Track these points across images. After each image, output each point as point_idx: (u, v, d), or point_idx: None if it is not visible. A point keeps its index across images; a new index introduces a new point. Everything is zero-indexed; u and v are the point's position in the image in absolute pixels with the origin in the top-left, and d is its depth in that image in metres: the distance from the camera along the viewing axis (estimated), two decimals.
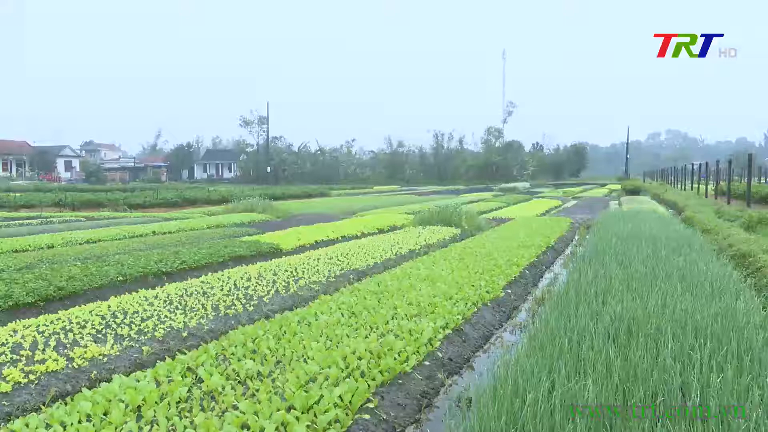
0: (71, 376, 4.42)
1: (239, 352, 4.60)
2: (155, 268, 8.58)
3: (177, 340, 5.37)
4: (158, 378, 4.04)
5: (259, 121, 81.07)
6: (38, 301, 6.72)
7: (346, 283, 8.08)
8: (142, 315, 5.93)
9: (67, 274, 7.65)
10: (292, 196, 35.93)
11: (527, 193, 40.59)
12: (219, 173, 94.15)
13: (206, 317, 6.04)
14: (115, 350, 4.91)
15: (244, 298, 6.84)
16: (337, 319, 5.60)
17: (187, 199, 28.15)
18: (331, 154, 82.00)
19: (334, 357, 4.42)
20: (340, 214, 21.03)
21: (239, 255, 10.25)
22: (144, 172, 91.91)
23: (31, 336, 5.11)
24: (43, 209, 25.01)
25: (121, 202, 25.91)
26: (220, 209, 22.26)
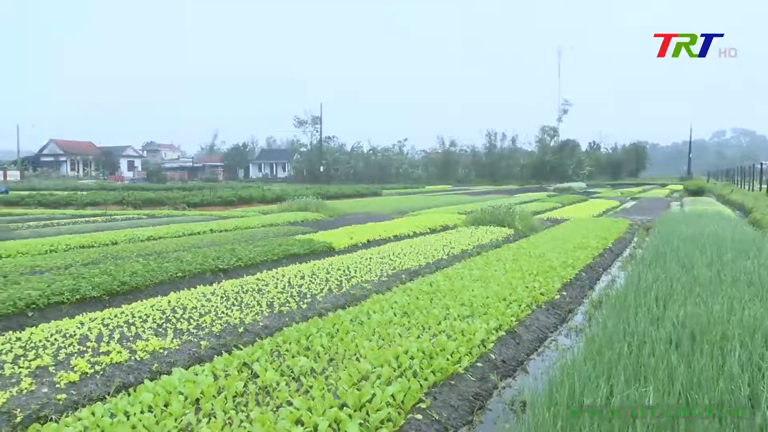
0: (134, 368, 4.58)
1: (293, 349, 4.66)
2: (212, 265, 8.81)
3: (233, 336, 5.49)
4: (216, 372, 4.14)
5: (313, 121, 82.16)
6: (103, 295, 7.01)
7: (398, 282, 8.08)
8: (200, 310, 6.10)
9: (130, 270, 7.94)
10: (344, 195, 36.24)
11: (583, 194, 39.62)
12: (273, 172, 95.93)
13: (261, 314, 6.15)
14: (175, 344, 5.06)
15: (298, 296, 6.94)
16: (390, 319, 5.61)
17: (242, 197, 28.77)
18: (383, 153, 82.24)
19: (387, 356, 4.42)
20: (392, 214, 21.07)
21: (293, 253, 10.41)
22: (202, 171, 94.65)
23: (96, 328, 5.33)
24: (108, 207, 26.06)
25: (180, 201, 26.70)
26: (275, 208, 22.66)
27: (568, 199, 30.04)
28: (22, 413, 3.70)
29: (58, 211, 23.51)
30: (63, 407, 3.88)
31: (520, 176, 72.92)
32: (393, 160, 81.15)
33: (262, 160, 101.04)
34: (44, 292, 6.59)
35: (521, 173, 74.78)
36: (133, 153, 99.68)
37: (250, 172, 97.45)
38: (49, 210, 24.53)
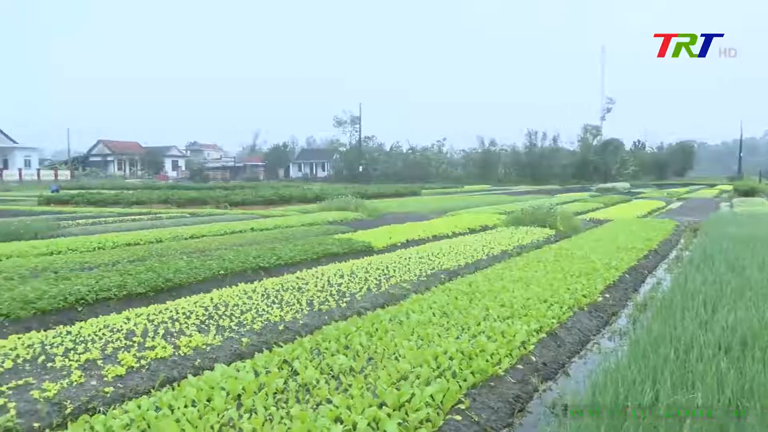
0: (177, 363, 4.68)
1: (332, 347, 4.69)
2: (254, 263, 8.94)
3: (273, 333, 5.56)
4: (257, 369, 4.20)
5: (352, 121, 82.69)
6: (149, 292, 7.19)
7: (437, 282, 8.05)
8: (241, 308, 6.19)
9: (174, 267, 8.13)
10: (383, 194, 36.30)
11: (627, 194, 38.70)
12: (313, 172, 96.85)
13: (301, 312, 6.21)
14: (217, 340, 5.15)
15: (337, 295, 6.98)
16: (428, 319, 5.59)
17: (283, 197, 29.12)
18: (422, 153, 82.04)
19: (426, 356, 4.41)
20: (431, 214, 21.00)
21: (332, 252, 10.48)
22: (243, 171, 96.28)
23: (142, 324, 5.47)
24: (153, 206, 26.72)
25: (222, 200, 27.18)
26: (314, 207, 22.85)
27: (611, 200, 29.40)
28: (72, 405, 3.83)
29: (106, 210, 24.25)
30: (110, 400, 4.00)
31: (562, 176, 71.70)
32: (432, 159, 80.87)
33: (302, 159, 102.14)
34: (93, 288, 6.81)
35: (563, 173, 73.52)
36: (177, 153, 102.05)
37: (290, 172, 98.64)
38: (97, 208, 25.31)
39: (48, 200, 29.22)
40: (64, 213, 21.91)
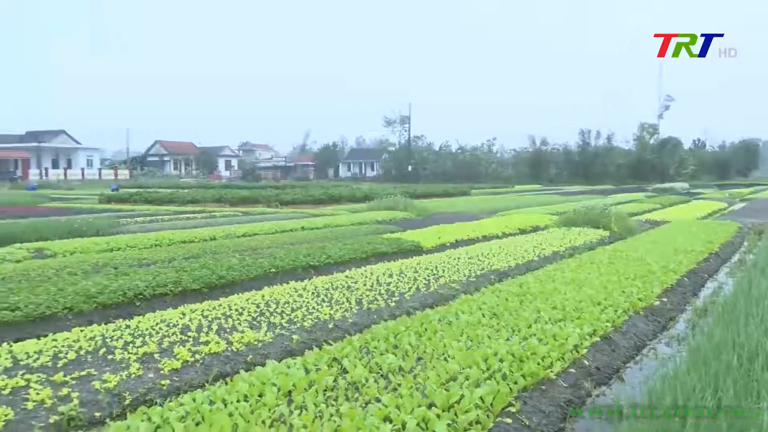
0: (230, 358, 4.79)
1: (381, 347, 4.70)
2: (304, 261, 9.05)
3: (323, 331, 5.61)
4: (307, 366, 4.25)
5: (401, 121, 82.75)
6: (203, 288, 7.38)
7: (487, 283, 7.96)
8: (292, 305, 6.28)
9: (227, 265, 8.32)
10: (432, 194, 36.16)
11: (685, 195, 37.34)
12: (362, 171, 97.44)
13: (350, 311, 6.25)
14: (268, 337, 5.24)
15: (386, 294, 7.00)
16: (478, 320, 5.54)
17: (332, 196, 29.39)
18: (471, 152, 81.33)
19: (475, 357, 4.37)
20: (481, 214, 20.80)
21: (381, 252, 10.51)
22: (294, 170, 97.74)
23: (197, 319, 5.62)
24: (206, 205, 27.41)
25: (273, 199, 27.63)
26: (363, 207, 22.97)
27: (668, 200, 28.43)
28: (131, 396, 3.96)
29: (162, 208, 25.03)
30: (166, 392, 4.12)
31: (617, 176, 69.77)
32: (482, 159, 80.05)
33: (352, 159, 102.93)
34: (150, 284, 7.04)
35: (617, 173, 71.51)
36: (230, 153, 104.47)
37: (339, 171, 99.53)
38: (153, 206, 26.15)
39: (108, 198, 30.38)
40: (123, 211, 22.73)
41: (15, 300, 6.07)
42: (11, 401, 3.72)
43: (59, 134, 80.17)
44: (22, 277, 7.88)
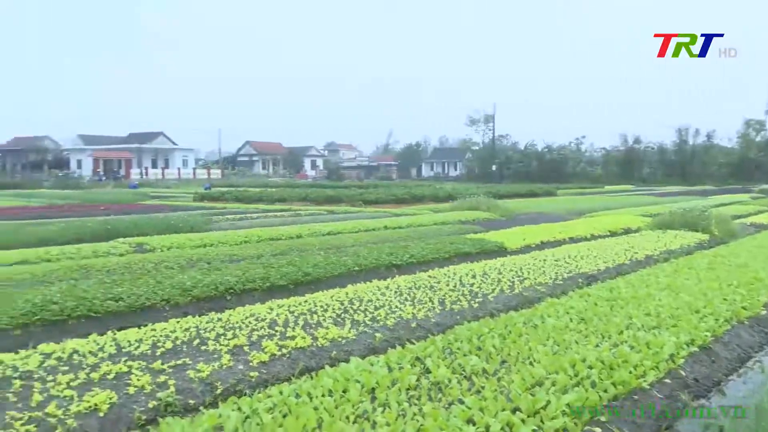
0: (315, 353, 4.89)
1: (465, 348, 4.65)
2: (387, 260, 9.12)
3: (406, 330, 5.63)
4: (390, 364, 4.27)
5: (485, 120, 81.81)
6: (289, 284, 7.60)
7: (575, 286, 7.70)
8: (375, 303, 6.34)
9: (312, 262, 8.51)
10: (516, 194, 35.44)
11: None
12: (445, 171, 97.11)
13: (433, 310, 6.23)
14: (352, 334, 5.31)
15: (469, 295, 6.92)
16: (565, 324, 5.36)
17: (415, 196, 29.44)
18: (558, 152, 78.91)
19: (562, 363, 4.23)
20: (568, 215, 20.17)
21: (464, 252, 10.41)
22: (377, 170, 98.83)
23: (283, 314, 5.78)
24: (293, 203, 28.20)
25: (357, 198, 28.03)
26: (446, 206, 22.85)
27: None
28: (222, 386, 4.13)
29: (251, 206, 25.99)
30: (255, 384, 4.27)
31: (718, 176, 65.53)
32: (569, 158, 77.50)
33: (434, 159, 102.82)
34: (240, 279, 7.32)
35: (719, 172, 67.14)
36: (315, 153, 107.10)
37: (422, 171, 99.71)
38: (243, 205, 27.21)
39: (202, 197, 31.93)
40: (215, 209, 23.81)
41: (118, 291, 6.49)
42: (115, 386, 3.98)
43: (158, 136, 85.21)
44: (124, 269, 8.43)
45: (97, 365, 4.31)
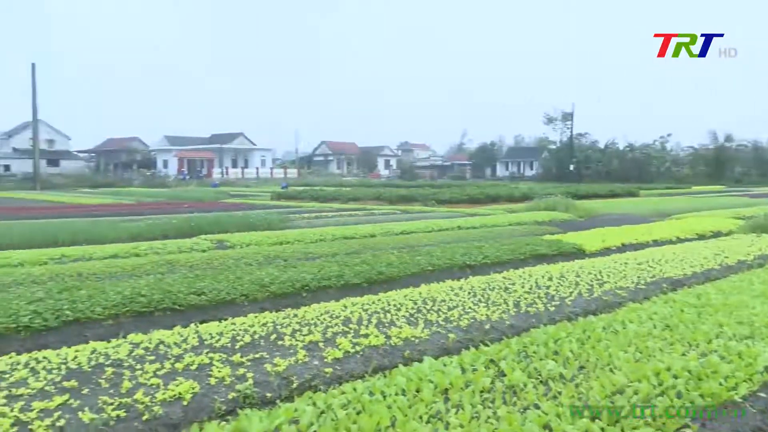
0: (388, 352, 4.91)
1: (541, 351, 4.54)
2: (460, 260, 9.04)
3: (479, 332, 5.55)
4: (463, 365, 4.22)
5: (563, 118, 79.34)
6: (363, 283, 7.67)
7: (658, 291, 7.35)
8: (448, 304, 6.29)
9: (385, 261, 8.56)
10: (595, 195, 34.27)
11: None
12: (520, 170, 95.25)
13: (507, 312, 6.12)
14: (425, 334, 5.29)
15: (545, 297, 6.75)
16: (648, 331, 5.13)
17: (489, 195, 29.07)
18: (641, 150, 75.59)
19: (645, 371, 4.05)
20: (651, 216, 19.31)
21: (540, 253, 10.17)
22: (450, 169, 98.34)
23: (357, 312, 5.84)
24: (366, 202, 28.49)
25: (430, 198, 27.98)
26: (521, 207, 22.43)
27: None
28: (297, 380, 4.22)
29: (326, 205, 26.47)
30: (329, 380, 4.33)
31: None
32: (653, 157, 74.05)
33: (509, 158, 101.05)
34: (315, 276, 7.46)
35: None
36: (389, 153, 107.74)
37: (496, 170, 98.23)
38: (318, 204, 27.75)
39: (279, 195, 32.88)
40: (291, 207, 24.41)
41: (201, 286, 6.77)
42: (197, 376, 4.14)
43: (238, 136, 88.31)
44: (206, 265, 8.78)
45: (181, 356, 4.51)
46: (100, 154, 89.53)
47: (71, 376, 4.09)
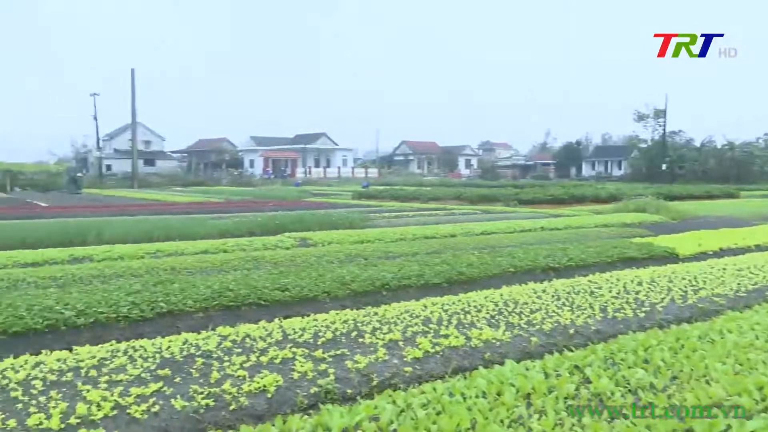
0: (468, 354, 4.85)
1: (629, 359, 4.34)
2: (543, 263, 8.81)
3: (563, 336, 5.38)
4: (546, 370, 4.11)
5: (655, 115, 75.44)
6: (443, 283, 7.63)
7: (761, 300, 6.86)
8: (530, 307, 6.15)
9: (466, 261, 8.48)
10: (689, 196, 32.46)
11: None
12: (608, 170, 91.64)
13: (593, 317, 5.90)
14: (506, 337, 5.19)
15: (634, 303, 6.45)
16: (750, 342, 4.79)
17: (574, 196, 28.19)
18: (741, 149, 70.67)
19: (745, 384, 3.77)
20: (754, 219, 18.06)
21: (629, 257, 9.74)
22: (533, 169, 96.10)
23: (437, 312, 5.81)
24: (447, 202, 28.33)
25: (512, 198, 27.48)
26: (609, 208, 21.58)
27: None
28: (377, 378, 4.25)
29: (406, 205, 26.54)
30: (408, 379, 4.33)
31: None
32: (756, 156, 69.04)
33: (596, 157, 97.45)
34: (395, 275, 7.50)
35: None
36: (470, 152, 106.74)
37: (582, 170, 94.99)
38: (398, 203, 27.86)
39: (359, 195, 33.31)
40: (372, 206, 24.65)
41: (285, 282, 6.96)
42: (281, 370, 4.26)
43: (320, 137, 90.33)
44: (290, 262, 9.03)
45: (266, 349, 4.66)
46: (191, 154, 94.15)
47: (165, 364, 4.32)
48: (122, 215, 18.56)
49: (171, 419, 3.54)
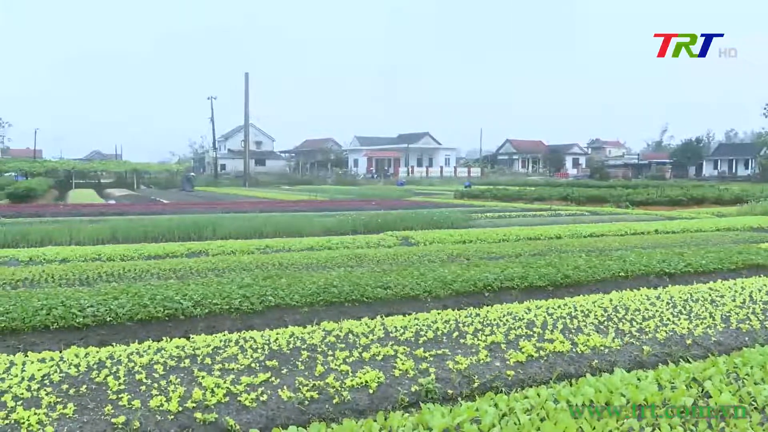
0: (574, 360, 4.67)
1: (756, 374, 3.99)
2: (657, 267, 8.31)
3: (679, 346, 5.05)
4: (660, 381, 3.87)
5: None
6: (547, 286, 7.40)
7: None
8: (643, 314, 5.82)
9: (572, 264, 8.17)
10: None
11: None
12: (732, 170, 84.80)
13: (713, 327, 5.49)
14: (616, 344, 4.95)
15: (762, 314, 5.93)
16: None
17: (693, 197, 26.36)
18: None
19: None
20: None
21: (756, 263, 8.97)
22: (647, 168, 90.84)
23: (541, 316, 5.65)
24: (552, 203, 27.45)
25: (623, 199, 26.15)
26: (733, 210, 20.04)
27: None
28: (479, 380, 4.20)
29: (510, 205, 26.01)
30: (511, 383, 4.24)
31: None
32: None
33: (719, 156, 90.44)
34: (498, 277, 7.36)
35: None
36: (578, 151, 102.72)
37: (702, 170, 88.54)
38: (502, 203, 27.36)
39: (462, 194, 33.05)
40: (474, 206, 24.39)
41: (387, 280, 7.04)
42: (383, 367, 4.32)
43: (423, 136, 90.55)
44: (392, 260, 9.13)
45: (368, 346, 4.74)
46: (299, 154, 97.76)
47: (273, 356, 4.51)
48: (235, 212, 19.60)
49: (278, 409, 3.69)
